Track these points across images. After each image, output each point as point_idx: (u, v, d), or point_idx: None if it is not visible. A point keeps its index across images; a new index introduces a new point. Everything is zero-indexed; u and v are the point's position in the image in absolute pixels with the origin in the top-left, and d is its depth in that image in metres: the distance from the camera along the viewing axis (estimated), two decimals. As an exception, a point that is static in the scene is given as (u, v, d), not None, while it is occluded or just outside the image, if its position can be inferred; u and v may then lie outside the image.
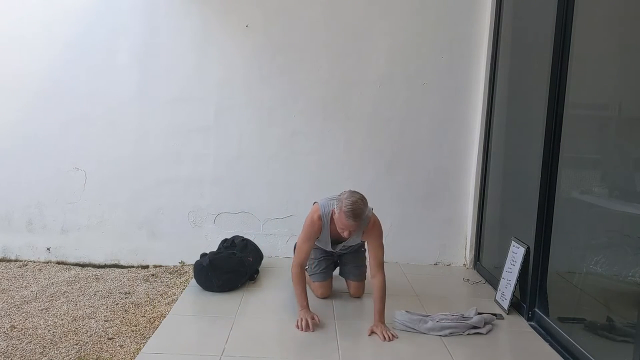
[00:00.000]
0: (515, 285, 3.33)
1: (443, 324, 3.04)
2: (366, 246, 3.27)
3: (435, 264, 4.33)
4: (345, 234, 3.04)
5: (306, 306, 3.08)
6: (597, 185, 2.88)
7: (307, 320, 2.98)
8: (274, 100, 4.21)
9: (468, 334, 3.03)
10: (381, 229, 3.18)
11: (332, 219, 3.13)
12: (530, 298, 3.25)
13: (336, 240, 3.27)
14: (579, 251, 2.96)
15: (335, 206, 3.05)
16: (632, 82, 2.62)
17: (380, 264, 3.12)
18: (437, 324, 3.03)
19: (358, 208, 2.93)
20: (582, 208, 2.98)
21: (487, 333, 3.07)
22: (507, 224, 3.82)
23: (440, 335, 2.99)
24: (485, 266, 4.09)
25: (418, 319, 3.07)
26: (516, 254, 3.39)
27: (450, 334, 3.01)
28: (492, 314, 3.22)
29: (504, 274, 3.49)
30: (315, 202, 3.28)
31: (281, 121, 4.22)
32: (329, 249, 3.38)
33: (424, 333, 3.02)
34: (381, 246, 3.15)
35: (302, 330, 2.96)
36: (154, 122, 4.20)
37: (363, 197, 3.03)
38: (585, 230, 2.94)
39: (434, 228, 4.30)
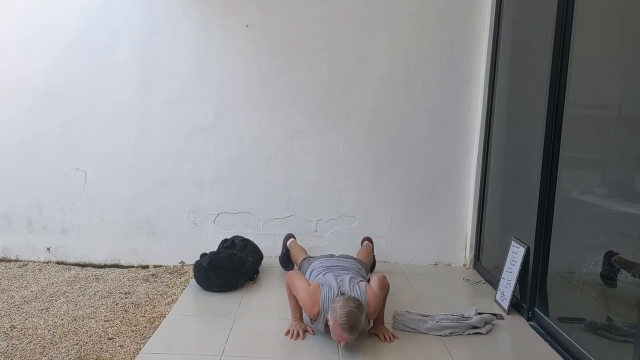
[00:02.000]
0: (515, 285, 3.33)
1: (443, 324, 3.04)
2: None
3: (435, 264, 4.33)
4: (342, 344, 2.79)
5: (299, 318, 3.02)
6: (597, 185, 2.88)
7: (299, 331, 2.93)
8: (274, 100, 4.21)
9: (468, 334, 3.04)
10: (381, 297, 2.94)
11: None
12: (530, 298, 3.25)
13: None
14: (579, 251, 2.96)
15: (329, 314, 2.78)
16: (632, 82, 2.62)
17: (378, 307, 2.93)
18: (437, 324, 3.03)
19: (354, 319, 2.69)
20: (582, 208, 2.98)
21: (487, 333, 3.07)
22: (507, 224, 3.81)
23: (440, 335, 3.00)
24: (485, 266, 4.09)
25: (418, 319, 3.07)
26: (516, 254, 3.38)
27: (450, 334, 3.01)
28: (492, 314, 3.22)
29: (504, 274, 3.49)
30: (315, 283, 2.97)
31: (281, 121, 4.22)
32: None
33: (424, 333, 3.02)
34: (382, 301, 2.97)
35: (293, 339, 2.90)
36: (154, 121, 4.20)
37: (359, 304, 2.76)
38: (585, 230, 2.94)
39: (434, 228, 4.31)
